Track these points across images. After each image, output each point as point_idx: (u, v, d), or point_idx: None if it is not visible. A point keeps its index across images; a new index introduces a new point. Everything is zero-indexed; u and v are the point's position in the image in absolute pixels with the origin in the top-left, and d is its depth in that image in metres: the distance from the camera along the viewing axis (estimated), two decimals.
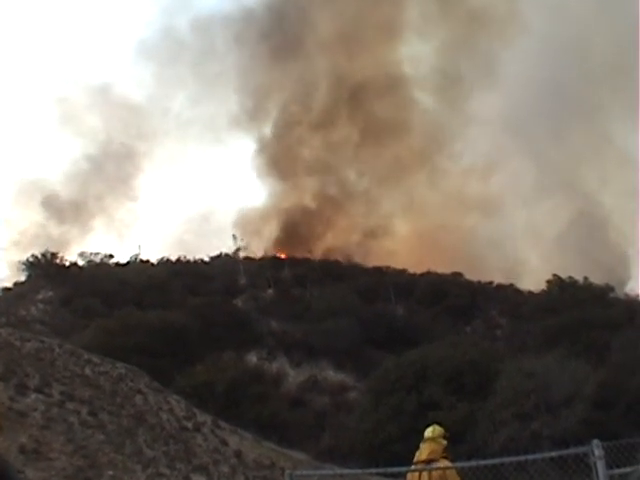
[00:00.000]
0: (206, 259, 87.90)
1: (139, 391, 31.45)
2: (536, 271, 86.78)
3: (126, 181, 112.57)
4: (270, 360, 55.18)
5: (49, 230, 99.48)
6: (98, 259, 76.78)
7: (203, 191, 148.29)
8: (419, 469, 10.32)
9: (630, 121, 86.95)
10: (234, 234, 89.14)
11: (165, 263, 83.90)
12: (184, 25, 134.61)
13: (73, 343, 38.40)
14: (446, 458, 10.37)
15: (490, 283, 77.35)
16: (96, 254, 77.79)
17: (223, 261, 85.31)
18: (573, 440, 19.65)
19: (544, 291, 66.74)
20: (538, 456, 15.58)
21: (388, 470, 11.57)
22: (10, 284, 71.67)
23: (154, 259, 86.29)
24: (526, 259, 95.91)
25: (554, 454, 11.68)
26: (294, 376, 53.16)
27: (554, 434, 28.72)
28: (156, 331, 47.10)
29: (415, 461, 10.54)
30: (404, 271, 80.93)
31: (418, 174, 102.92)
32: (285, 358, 55.69)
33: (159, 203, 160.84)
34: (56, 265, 68.86)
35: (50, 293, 63.58)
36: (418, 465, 10.43)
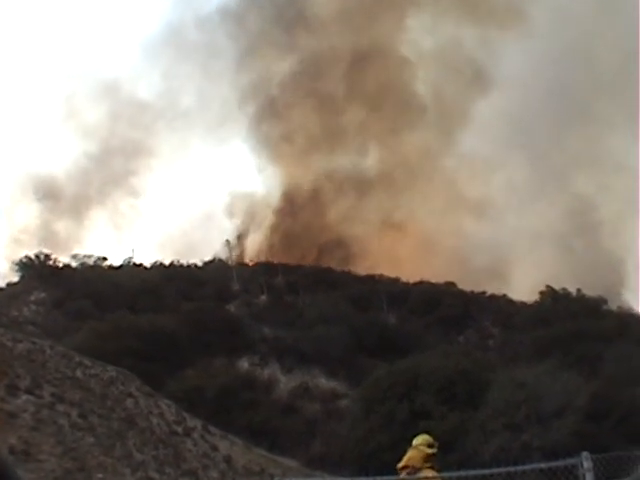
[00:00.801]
0: (199, 264, 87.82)
1: (130, 394, 31.42)
2: (530, 279, 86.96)
3: (128, 179, 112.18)
4: (262, 366, 55.05)
5: (48, 227, 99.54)
6: (91, 261, 76.76)
7: (204, 192, 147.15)
8: (406, 479, 10.30)
9: (630, 127, 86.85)
10: (227, 239, 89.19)
11: (158, 267, 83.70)
12: (192, 20, 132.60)
13: (65, 345, 38.33)
14: (432, 468, 10.33)
15: (483, 293, 77.29)
16: (89, 256, 77.82)
17: (216, 266, 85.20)
18: (564, 452, 19.63)
19: (537, 302, 66.75)
20: (527, 467, 15.55)
21: (377, 479, 11.54)
22: (3, 284, 71.71)
23: (148, 263, 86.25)
24: (520, 266, 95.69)
25: (543, 465, 11.71)
26: (285, 383, 53.06)
27: (545, 445, 28.71)
28: (148, 335, 46.99)
29: (397, 468, 10.54)
30: (397, 280, 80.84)
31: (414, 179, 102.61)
32: (277, 364, 55.58)
33: (160, 203, 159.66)
34: (49, 266, 68.75)
35: (43, 294, 63.47)
36: (402, 473, 10.42)
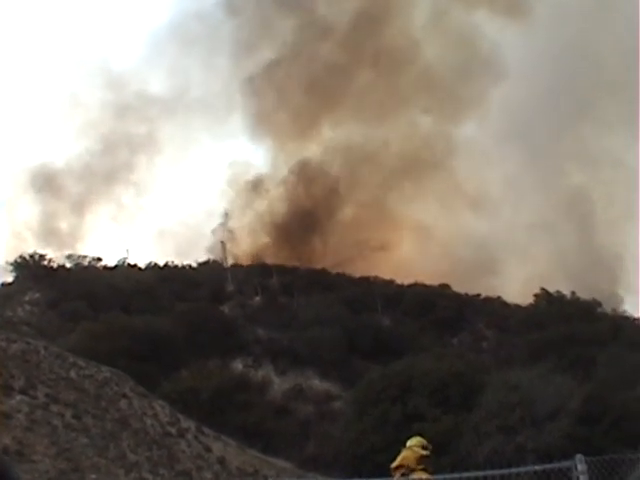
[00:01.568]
0: (194, 265, 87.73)
1: (124, 395, 31.41)
2: (523, 276, 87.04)
3: (129, 174, 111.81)
4: (256, 368, 55.08)
5: (50, 222, 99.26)
6: (86, 262, 76.65)
7: (206, 188, 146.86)
8: None
9: (631, 125, 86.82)
10: (222, 241, 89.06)
11: (153, 268, 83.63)
12: (195, 12, 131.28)
13: (59, 346, 38.31)
14: (425, 470, 10.36)
15: (477, 296, 77.28)
16: (84, 257, 77.73)
17: (211, 267, 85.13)
18: (557, 454, 19.70)
19: (531, 305, 66.81)
20: (521, 469, 15.58)
21: None
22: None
23: (142, 263, 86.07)
24: (514, 264, 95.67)
25: (537, 468, 11.73)
26: (279, 384, 53.09)
27: (539, 448, 28.77)
28: (142, 336, 46.95)
29: (391, 468, 10.57)
30: (391, 282, 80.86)
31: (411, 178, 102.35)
32: (271, 366, 55.61)
33: (161, 198, 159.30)
34: (44, 267, 68.64)
35: (37, 295, 63.40)
36: (396, 474, 10.44)
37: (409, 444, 10.67)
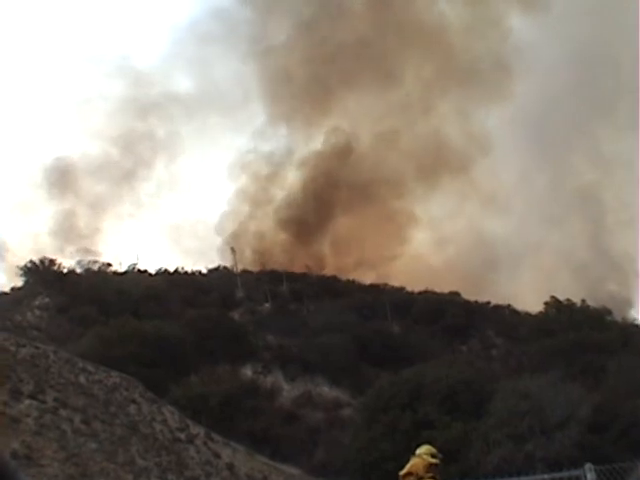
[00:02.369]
0: (204, 271, 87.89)
1: (133, 401, 31.41)
2: (535, 285, 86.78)
3: (148, 172, 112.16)
4: (265, 374, 55.04)
5: (66, 221, 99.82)
6: (96, 267, 76.79)
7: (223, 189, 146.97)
8: None
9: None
10: (232, 247, 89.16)
11: (163, 274, 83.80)
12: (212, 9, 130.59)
13: (68, 350, 38.34)
14: (434, 478, 10.33)
15: (487, 303, 77.19)
16: (94, 262, 77.89)
17: (221, 274, 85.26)
18: (567, 463, 19.61)
19: (541, 312, 66.57)
20: (531, 478, 15.53)
21: None
22: (7, 289, 71.73)
23: (152, 269, 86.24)
24: (525, 270, 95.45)
25: (547, 476, 11.70)
26: (289, 391, 53.04)
27: (548, 456, 28.64)
28: (152, 341, 46.98)
29: (400, 475, 10.54)
30: (402, 289, 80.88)
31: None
32: (280, 372, 55.56)
33: (179, 199, 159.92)
34: (53, 272, 68.71)
35: (47, 299, 63.49)
36: None
37: (418, 452, 10.65)
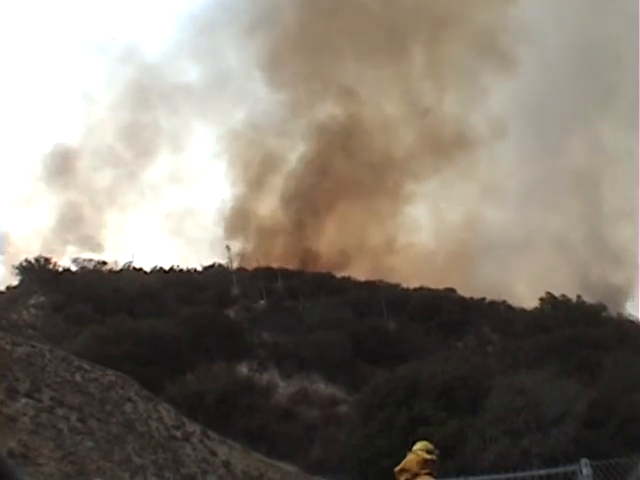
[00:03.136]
0: (199, 268, 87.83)
1: (129, 399, 31.40)
2: (531, 279, 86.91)
3: (151, 162, 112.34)
4: (261, 371, 55.03)
5: (69, 215, 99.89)
6: (91, 265, 76.76)
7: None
8: None
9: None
10: (227, 245, 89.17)
11: (158, 272, 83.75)
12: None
13: (64, 349, 38.32)
14: (430, 475, 10.33)
15: (483, 299, 77.16)
16: (89, 260, 77.87)
17: (216, 271, 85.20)
18: (563, 458, 19.63)
19: (536, 309, 66.56)
20: (527, 474, 15.55)
21: None
22: (3, 287, 71.72)
23: (148, 267, 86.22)
24: (521, 264, 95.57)
25: (543, 472, 11.71)
26: (284, 388, 53.04)
27: (544, 452, 28.68)
28: (147, 339, 46.95)
29: (395, 471, 10.55)
30: (397, 286, 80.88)
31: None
32: (276, 370, 55.55)
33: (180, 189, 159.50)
34: (49, 270, 68.66)
35: (42, 298, 63.45)
36: (400, 478, 10.41)
37: (414, 448, 10.65)
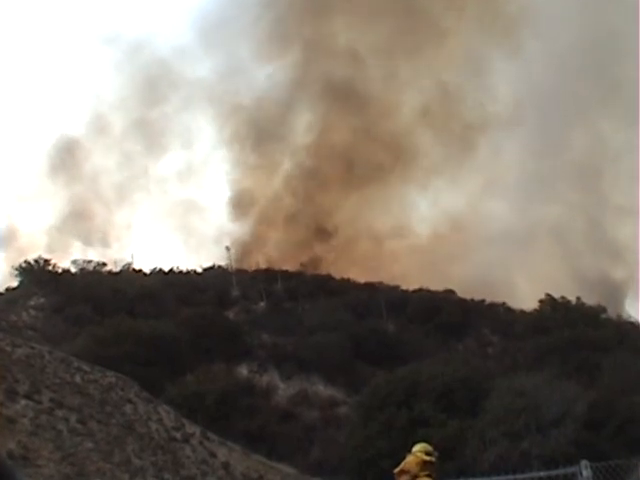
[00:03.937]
0: (199, 270, 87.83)
1: (129, 400, 31.37)
2: (532, 276, 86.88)
3: (161, 157, 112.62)
4: (260, 373, 55.03)
5: (80, 214, 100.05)
6: (91, 267, 76.77)
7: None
8: None
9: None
10: (227, 246, 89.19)
11: (158, 273, 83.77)
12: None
13: (64, 350, 38.27)
14: (429, 476, 10.33)
15: (482, 301, 77.10)
16: (89, 262, 77.91)
17: (216, 272, 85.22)
18: (563, 460, 19.65)
19: (536, 310, 66.57)
20: (527, 475, 15.56)
21: None
22: (2, 289, 71.69)
23: (147, 268, 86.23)
24: (522, 260, 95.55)
25: (543, 474, 11.73)
26: (284, 389, 53.04)
27: (544, 454, 28.67)
28: (147, 340, 46.96)
29: (394, 473, 10.55)
30: (396, 287, 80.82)
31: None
32: (276, 371, 55.55)
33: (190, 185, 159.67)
34: (49, 272, 68.65)
35: (42, 299, 63.45)
36: (399, 479, 10.42)
37: (414, 450, 10.65)
